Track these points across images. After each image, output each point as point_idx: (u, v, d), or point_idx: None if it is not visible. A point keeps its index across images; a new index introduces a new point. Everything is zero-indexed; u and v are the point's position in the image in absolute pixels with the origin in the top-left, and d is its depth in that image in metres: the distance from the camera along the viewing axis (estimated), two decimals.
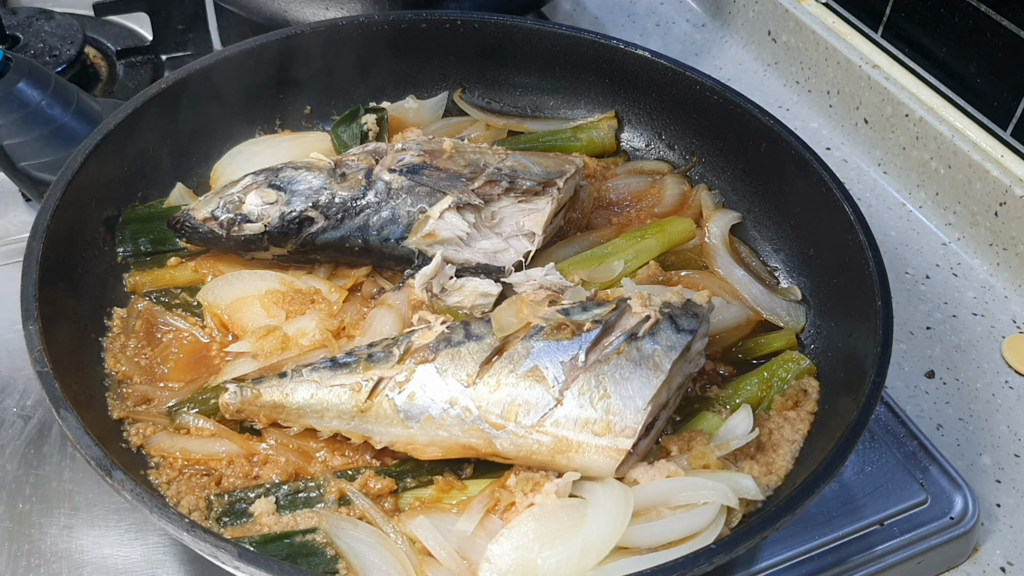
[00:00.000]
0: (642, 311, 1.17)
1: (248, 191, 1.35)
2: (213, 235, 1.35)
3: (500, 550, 1.06)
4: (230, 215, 1.33)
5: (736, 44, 2.13)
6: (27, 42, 1.82)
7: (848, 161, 1.86)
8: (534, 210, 1.38)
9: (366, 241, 1.35)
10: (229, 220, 1.33)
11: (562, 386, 1.12)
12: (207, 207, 1.35)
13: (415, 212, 1.35)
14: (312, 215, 1.34)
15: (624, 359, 1.13)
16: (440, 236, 1.34)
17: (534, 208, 1.38)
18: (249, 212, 1.33)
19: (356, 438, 1.18)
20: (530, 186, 1.37)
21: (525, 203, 1.38)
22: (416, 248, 1.35)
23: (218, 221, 1.33)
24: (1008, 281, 1.62)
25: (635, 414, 1.11)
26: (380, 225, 1.35)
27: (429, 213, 1.34)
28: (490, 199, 1.36)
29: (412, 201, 1.35)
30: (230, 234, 1.34)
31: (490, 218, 1.36)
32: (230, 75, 1.53)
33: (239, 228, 1.33)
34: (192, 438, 1.20)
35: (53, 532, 1.21)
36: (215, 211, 1.34)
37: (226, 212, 1.33)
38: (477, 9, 1.66)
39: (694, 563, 0.97)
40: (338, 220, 1.34)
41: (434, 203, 1.34)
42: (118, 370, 1.26)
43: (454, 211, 1.34)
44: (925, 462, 1.31)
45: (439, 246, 1.34)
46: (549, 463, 1.14)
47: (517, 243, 1.37)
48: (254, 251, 1.37)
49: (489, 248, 1.36)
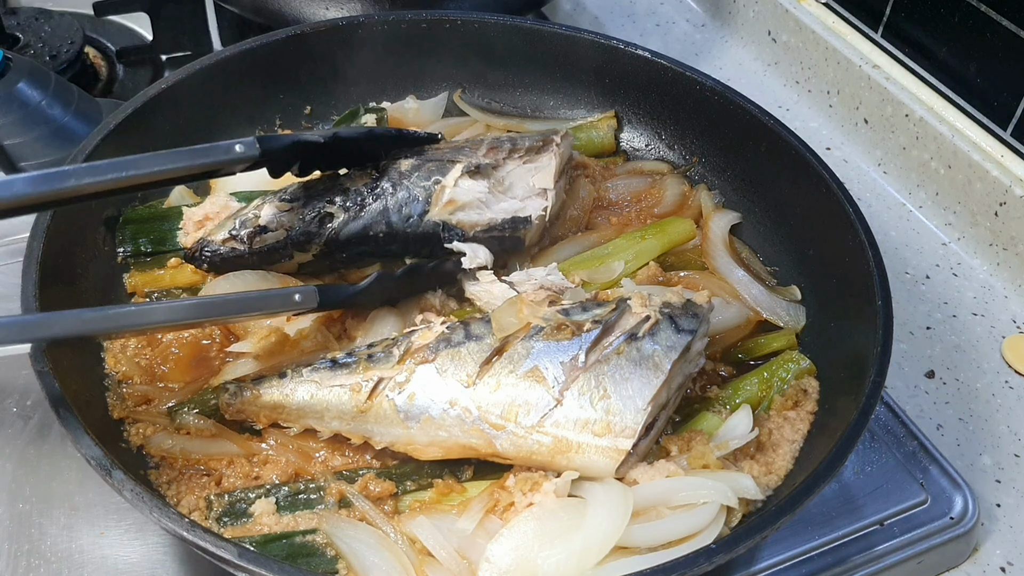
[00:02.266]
0: (642, 311, 1.18)
1: (261, 207, 1.34)
2: (235, 253, 1.33)
3: (500, 550, 1.06)
4: (249, 229, 1.32)
5: (736, 44, 2.13)
6: (27, 42, 1.82)
7: (848, 161, 1.86)
8: (540, 167, 1.39)
9: (389, 225, 1.34)
10: (250, 234, 1.32)
11: (562, 386, 1.12)
12: (223, 230, 1.34)
13: (431, 185, 1.34)
14: (331, 210, 1.33)
15: (624, 359, 1.13)
16: (460, 201, 1.34)
17: (540, 165, 1.39)
18: (268, 222, 1.32)
19: (356, 438, 1.18)
20: (532, 143, 1.40)
21: (530, 162, 1.39)
22: (440, 220, 1.34)
23: (238, 238, 1.32)
24: (1008, 281, 1.62)
25: (635, 414, 1.11)
26: (399, 205, 1.33)
27: (444, 183, 1.34)
28: (497, 164, 1.38)
29: (425, 176, 1.35)
30: (252, 247, 1.33)
31: (500, 183, 1.37)
32: (230, 75, 1.53)
33: (261, 239, 1.32)
34: (192, 438, 1.20)
35: (53, 532, 1.21)
36: (232, 230, 1.33)
37: (245, 228, 1.32)
38: (477, 9, 1.66)
39: (694, 562, 0.97)
40: (358, 210, 1.33)
41: (447, 173, 1.34)
42: (118, 370, 1.26)
43: (467, 177, 1.35)
44: (925, 462, 1.31)
45: (461, 212, 1.34)
46: (549, 463, 1.14)
47: (532, 203, 1.38)
48: (278, 262, 1.35)
49: (508, 208, 1.37)
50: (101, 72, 1.91)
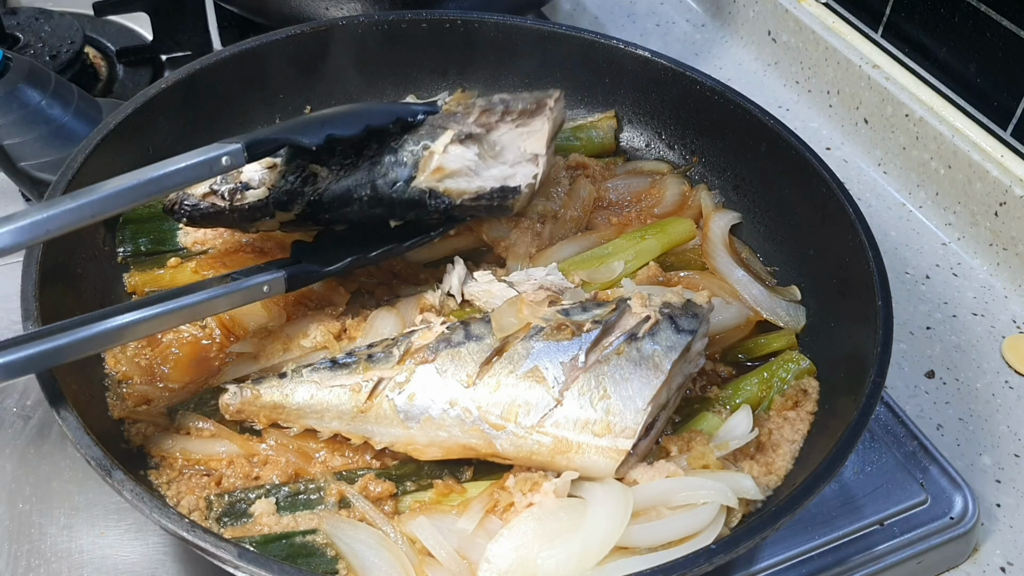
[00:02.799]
0: (642, 311, 1.17)
1: None
2: (214, 209, 1.29)
3: (500, 550, 1.06)
4: (230, 186, 1.28)
5: (736, 44, 2.13)
6: (27, 42, 1.82)
7: (848, 161, 1.86)
8: (533, 131, 1.35)
9: (375, 188, 1.29)
10: (230, 191, 1.28)
11: (562, 387, 1.12)
12: (204, 185, 1.29)
13: (419, 150, 1.30)
14: (315, 170, 1.29)
15: (624, 359, 1.13)
16: (448, 169, 1.29)
17: (532, 130, 1.35)
18: (250, 180, 1.28)
19: (356, 439, 1.18)
20: (524, 106, 1.35)
21: (523, 126, 1.35)
22: (427, 187, 1.29)
23: (218, 194, 1.28)
24: (1008, 281, 1.62)
25: (635, 415, 1.11)
26: (385, 169, 1.29)
27: (433, 148, 1.30)
28: (489, 127, 1.33)
29: (414, 140, 1.31)
30: (233, 204, 1.29)
31: (491, 148, 1.33)
32: (230, 75, 1.53)
33: (242, 196, 1.28)
34: (192, 438, 1.20)
35: (53, 532, 1.21)
36: (213, 185, 1.28)
37: (225, 184, 1.28)
38: (477, 9, 1.66)
39: (694, 563, 0.97)
40: (341, 172, 1.29)
41: (436, 139, 1.31)
42: (118, 370, 1.26)
43: (457, 144, 1.30)
44: (925, 462, 1.31)
45: (449, 180, 1.30)
46: (549, 463, 1.14)
47: (523, 168, 1.33)
48: (259, 220, 1.31)
49: (498, 175, 1.33)
50: (101, 72, 1.91)
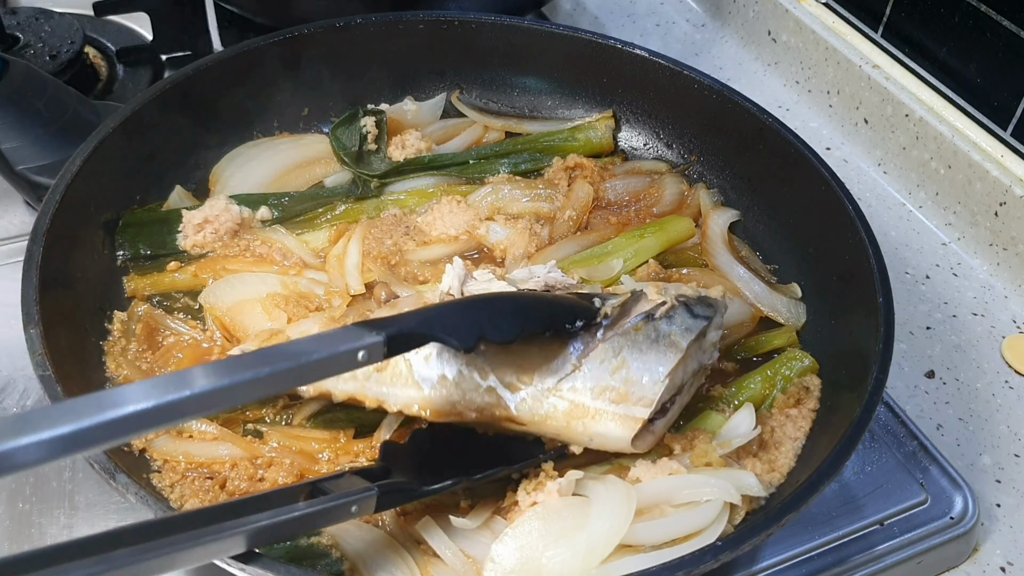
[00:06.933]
0: (658, 298, 1.17)
1: None
2: None
3: (504, 550, 1.06)
4: None
5: (736, 44, 2.13)
6: (27, 42, 1.82)
7: (848, 161, 1.86)
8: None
9: None
10: None
11: (580, 354, 1.12)
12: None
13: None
14: None
15: (642, 336, 1.13)
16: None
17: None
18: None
19: (370, 402, 1.17)
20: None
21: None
22: None
23: None
24: (1008, 281, 1.62)
25: (653, 385, 1.10)
26: None
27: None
28: None
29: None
30: None
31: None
32: (229, 76, 1.52)
33: None
34: (195, 441, 1.20)
35: (53, 532, 1.20)
36: None
37: None
38: (476, 9, 1.66)
39: (700, 560, 0.97)
40: None
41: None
42: (119, 373, 1.26)
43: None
44: (925, 462, 1.31)
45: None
46: (564, 430, 1.12)
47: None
48: None
49: None
50: (101, 72, 1.91)
